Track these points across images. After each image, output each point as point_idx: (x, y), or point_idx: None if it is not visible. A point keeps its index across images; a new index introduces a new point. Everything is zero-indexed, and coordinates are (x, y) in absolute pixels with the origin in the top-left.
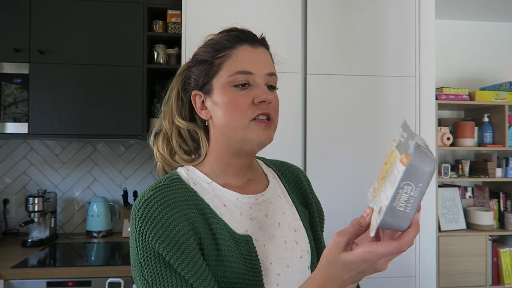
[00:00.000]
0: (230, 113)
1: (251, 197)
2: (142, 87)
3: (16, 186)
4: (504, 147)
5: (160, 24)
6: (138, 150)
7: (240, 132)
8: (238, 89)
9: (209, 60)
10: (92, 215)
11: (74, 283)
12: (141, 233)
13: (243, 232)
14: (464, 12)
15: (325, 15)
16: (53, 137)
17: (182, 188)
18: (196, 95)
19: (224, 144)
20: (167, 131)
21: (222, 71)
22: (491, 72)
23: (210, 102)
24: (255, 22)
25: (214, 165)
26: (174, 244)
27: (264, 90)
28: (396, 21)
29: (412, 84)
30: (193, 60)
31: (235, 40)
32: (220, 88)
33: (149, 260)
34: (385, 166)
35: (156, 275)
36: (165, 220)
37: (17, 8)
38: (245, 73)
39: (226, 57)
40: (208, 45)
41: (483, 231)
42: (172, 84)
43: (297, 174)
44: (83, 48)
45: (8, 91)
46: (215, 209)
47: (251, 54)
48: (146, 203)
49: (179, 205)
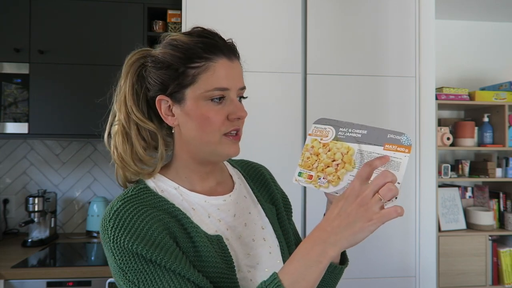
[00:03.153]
0: (204, 128)
1: (219, 199)
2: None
3: (16, 186)
4: (504, 147)
5: (160, 24)
6: None
7: (211, 146)
8: (214, 103)
9: (181, 68)
10: (92, 215)
11: (74, 283)
12: (115, 240)
13: (213, 232)
14: (464, 12)
15: (325, 15)
16: (53, 137)
17: (151, 196)
18: (161, 100)
19: (191, 153)
20: (125, 127)
21: (198, 84)
22: (491, 72)
23: (180, 111)
24: (255, 22)
25: (180, 170)
26: (152, 242)
27: (239, 106)
28: (396, 21)
29: (412, 84)
30: (157, 61)
31: (211, 50)
32: (194, 100)
33: (129, 262)
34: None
35: (140, 273)
36: (138, 224)
37: (17, 8)
38: (222, 90)
39: (203, 70)
40: (177, 49)
41: (483, 231)
42: (124, 75)
43: (261, 172)
44: (83, 48)
45: (8, 91)
46: (186, 212)
47: (228, 69)
48: (116, 213)
49: (149, 211)
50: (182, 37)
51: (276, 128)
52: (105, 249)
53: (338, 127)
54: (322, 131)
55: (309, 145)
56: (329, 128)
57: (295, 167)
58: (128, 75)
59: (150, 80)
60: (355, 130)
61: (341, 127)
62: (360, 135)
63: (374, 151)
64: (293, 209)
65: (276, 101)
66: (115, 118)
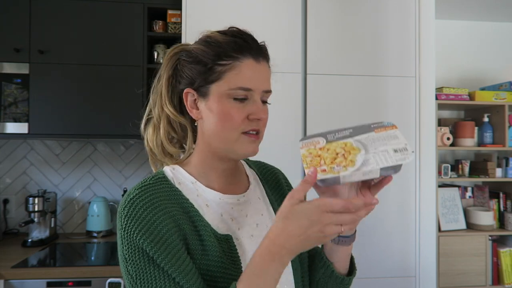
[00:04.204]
0: (223, 124)
1: (233, 198)
2: (142, 87)
3: (16, 186)
4: (504, 147)
5: (160, 24)
6: (138, 150)
7: (229, 143)
8: (236, 102)
9: (209, 64)
10: (92, 215)
11: (74, 283)
12: (126, 230)
13: (224, 231)
14: (464, 12)
15: (325, 15)
16: (53, 137)
17: (167, 188)
18: (188, 93)
19: (211, 148)
20: (157, 119)
21: (223, 81)
22: (491, 72)
23: (204, 105)
24: (255, 22)
25: (199, 165)
26: (158, 240)
27: (260, 107)
28: (396, 21)
29: (412, 84)
30: (189, 56)
31: (239, 50)
32: (218, 96)
33: (133, 256)
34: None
35: (139, 270)
36: (150, 217)
37: (17, 8)
38: (245, 90)
39: (229, 68)
40: (209, 46)
41: (483, 231)
42: (162, 70)
43: (277, 175)
44: (83, 48)
45: (8, 91)
46: (198, 209)
47: (254, 71)
48: (132, 201)
49: (163, 204)
50: (216, 35)
51: (276, 128)
52: (118, 234)
53: (325, 134)
54: (312, 142)
55: (306, 154)
56: (317, 139)
57: (295, 167)
58: (166, 68)
59: (182, 73)
60: (342, 132)
61: (327, 134)
62: (349, 132)
63: (369, 136)
64: None
65: (276, 101)
66: (150, 110)
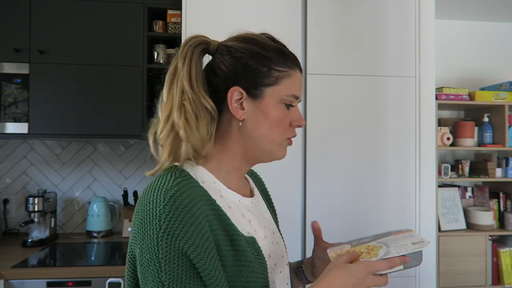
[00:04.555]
0: (275, 128)
1: (248, 200)
2: (142, 87)
3: (16, 186)
4: (504, 147)
5: (160, 24)
6: (138, 150)
7: (273, 146)
8: (285, 108)
9: (265, 68)
10: (92, 215)
11: (74, 283)
12: (167, 231)
13: (247, 234)
14: (464, 12)
15: (325, 15)
16: (53, 137)
17: (197, 186)
18: (235, 91)
19: (245, 149)
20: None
21: (280, 86)
22: (491, 72)
23: (253, 106)
24: (255, 22)
25: (223, 164)
26: (202, 246)
27: (301, 116)
28: (396, 21)
29: (412, 84)
30: (234, 52)
31: (293, 61)
32: (273, 100)
33: (172, 261)
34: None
35: (176, 277)
36: (193, 220)
37: (17, 8)
38: (296, 98)
39: (286, 75)
40: (262, 48)
41: (483, 231)
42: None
43: (261, 179)
44: (83, 48)
45: (8, 91)
46: (225, 210)
47: (300, 82)
48: (173, 199)
49: (200, 204)
50: (263, 39)
51: None
52: (147, 233)
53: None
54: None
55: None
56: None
57: (295, 167)
58: (193, 57)
59: (222, 68)
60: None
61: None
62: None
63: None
64: (293, 210)
65: None
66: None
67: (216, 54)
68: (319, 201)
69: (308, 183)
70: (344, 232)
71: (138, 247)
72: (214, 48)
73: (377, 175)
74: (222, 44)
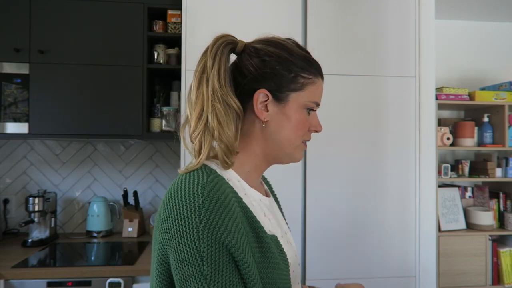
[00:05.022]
0: (296, 132)
1: (267, 199)
2: (142, 87)
3: (16, 186)
4: (504, 147)
5: (160, 24)
6: (138, 150)
7: (291, 149)
8: (306, 113)
9: (292, 73)
10: (92, 215)
11: (74, 283)
12: (208, 225)
13: (269, 231)
14: (464, 12)
15: (325, 15)
16: (53, 137)
17: (226, 184)
18: (261, 93)
19: (267, 149)
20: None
21: (304, 93)
22: (491, 72)
23: (278, 109)
24: (255, 22)
25: (246, 163)
26: (241, 240)
27: (319, 121)
28: (396, 21)
29: (412, 84)
30: (263, 55)
31: (317, 69)
32: (297, 105)
33: (214, 254)
34: None
35: (218, 270)
36: (231, 214)
37: (17, 8)
38: (317, 105)
39: (311, 82)
40: (291, 54)
41: (483, 231)
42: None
43: (268, 182)
44: (83, 48)
45: (8, 91)
46: (250, 208)
47: (322, 89)
48: (212, 193)
49: (231, 198)
50: (290, 44)
51: None
52: (180, 228)
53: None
54: None
55: None
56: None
57: (296, 167)
58: (222, 56)
59: (250, 69)
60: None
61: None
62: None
63: None
64: (293, 210)
65: None
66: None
67: (244, 55)
68: (319, 201)
69: (308, 183)
70: (344, 232)
71: (174, 244)
72: (240, 48)
73: (377, 175)
74: (251, 45)
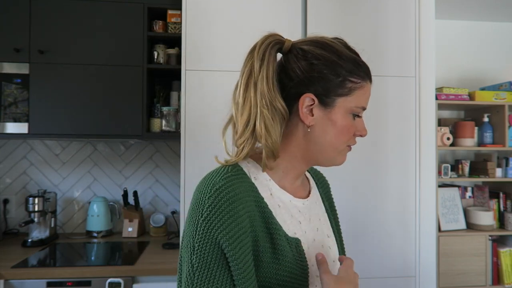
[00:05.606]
0: (341, 136)
1: (300, 201)
2: (142, 87)
3: (16, 186)
4: (504, 147)
5: (160, 24)
6: (138, 150)
7: (334, 153)
8: (352, 118)
9: (340, 77)
10: (92, 215)
11: (74, 283)
12: (206, 219)
13: (293, 234)
14: (464, 12)
15: (325, 15)
16: (53, 137)
17: (247, 182)
18: (307, 97)
19: (307, 152)
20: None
21: (351, 98)
22: (491, 72)
23: (323, 114)
24: (255, 22)
25: (282, 164)
26: (236, 239)
27: (364, 126)
28: (396, 21)
29: (412, 84)
30: (309, 57)
31: (366, 72)
32: (343, 110)
33: (204, 248)
34: None
35: (205, 263)
36: (233, 213)
37: (17, 8)
38: (363, 109)
39: (359, 87)
40: (339, 57)
41: (483, 231)
42: (261, 57)
43: (325, 180)
44: (83, 48)
45: (8, 91)
46: (272, 209)
47: (370, 94)
48: (218, 191)
49: (244, 199)
50: (339, 46)
51: None
52: (192, 218)
53: None
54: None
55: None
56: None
57: None
58: (270, 58)
59: (297, 72)
60: None
61: None
62: None
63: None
64: None
65: None
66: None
67: (291, 56)
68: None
69: None
70: (344, 232)
71: (184, 228)
72: (287, 48)
73: (377, 175)
74: (298, 46)
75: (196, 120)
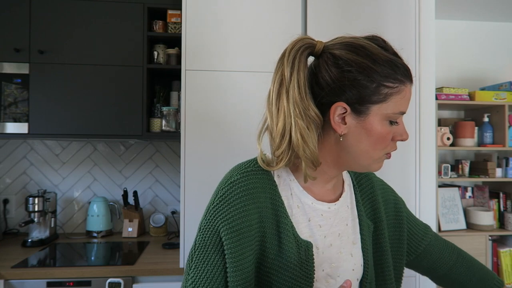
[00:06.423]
0: (376, 145)
1: (325, 205)
2: (142, 87)
3: (16, 186)
4: (504, 147)
5: (160, 24)
6: (138, 150)
7: (370, 161)
8: (389, 124)
9: (375, 84)
10: (92, 215)
11: (74, 283)
12: (214, 208)
13: (307, 237)
14: (464, 12)
15: (325, 15)
16: (53, 137)
17: (266, 178)
18: (339, 106)
19: (337, 159)
20: (308, 124)
21: (387, 104)
22: (491, 72)
23: (356, 122)
24: (255, 22)
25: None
26: (236, 231)
27: (405, 129)
28: (396, 21)
29: None
30: (341, 64)
31: (405, 74)
32: (379, 118)
33: (206, 232)
34: None
35: (203, 245)
36: (239, 207)
37: (17, 8)
38: (402, 114)
39: (396, 91)
40: (373, 62)
41: (483, 231)
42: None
43: (372, 184)
44: (83, 48)
45: (8, 91)
46: (288, 208)
47: (410, 96)
48: (232, 185)
49: (257, 195)
50: (374, 48)
51: None
52: (208, 205)
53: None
54: None
55: None
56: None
57: None
58: (300, 64)
59: (328, 80)
60: None
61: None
62: None
63: None
64: None
65: None
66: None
67: (322, 61)
68: None
69: None
70: None
71: None
72: (319, 51)
73: (377, 175)
74: (329, 51)
75: (196, 120)
